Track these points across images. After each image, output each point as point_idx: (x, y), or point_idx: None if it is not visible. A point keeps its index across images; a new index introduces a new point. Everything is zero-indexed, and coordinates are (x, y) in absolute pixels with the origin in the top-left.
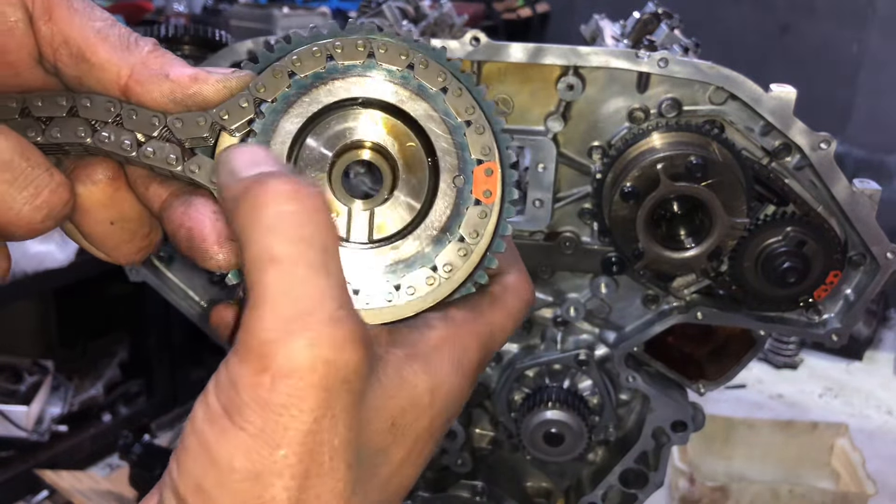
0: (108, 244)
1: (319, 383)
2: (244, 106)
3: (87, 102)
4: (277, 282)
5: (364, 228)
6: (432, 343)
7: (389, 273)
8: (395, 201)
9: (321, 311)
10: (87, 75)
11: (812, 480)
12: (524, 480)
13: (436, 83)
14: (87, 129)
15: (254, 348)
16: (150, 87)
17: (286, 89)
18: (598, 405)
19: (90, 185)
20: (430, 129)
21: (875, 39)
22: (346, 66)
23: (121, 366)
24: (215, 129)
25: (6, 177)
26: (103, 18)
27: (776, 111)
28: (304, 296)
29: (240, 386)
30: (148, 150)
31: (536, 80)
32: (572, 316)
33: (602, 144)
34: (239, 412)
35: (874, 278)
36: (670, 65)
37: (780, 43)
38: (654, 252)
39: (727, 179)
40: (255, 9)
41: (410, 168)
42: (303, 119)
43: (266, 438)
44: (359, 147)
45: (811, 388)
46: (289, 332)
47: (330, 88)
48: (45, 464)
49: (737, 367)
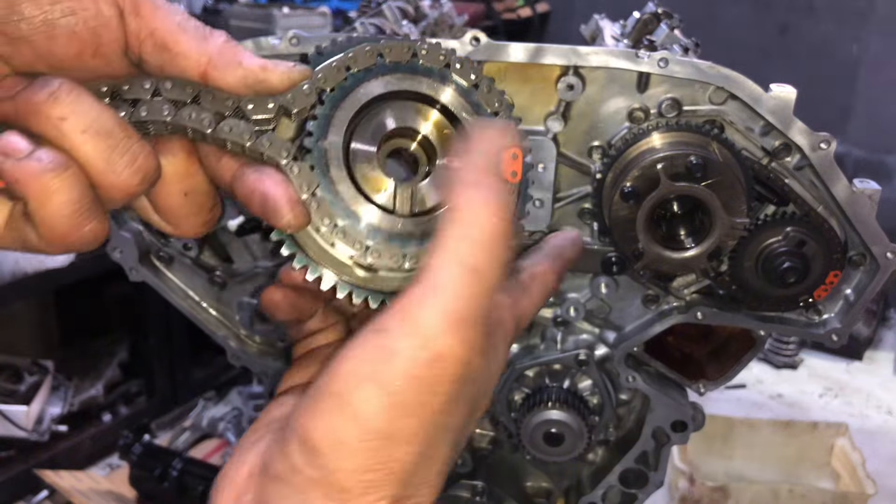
0: (179, 215)
1: (461, 376)
2: (308, 93)
3: (168, 85)
4: (465, 286)
5: (407, 202)
6: (495, 320)
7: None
8: (434, 180)
9: (483, 323)
10: (170, 64)
11: (812, 480)
12: (524, 480)
13: (469, 80)
14: (170, 108)
15: (421, 328)
16: (226, 73)
17: (343, 81)
18: (598, 405)
19: (171, 157)
20: (464, 118)
21: (875, 39)
22: (394, 64)
23: (121, 366)
24: (280, 112)
25: (109, 143)
26: (182, 13)
27: (776, 111)
28: (477, 305)
29: (396, 356)
30: (225, 126)
31: (536, 79)
32: (572, 316)
33: (602, 144)
34: (390, 379)
35: (874, 278)
36: (670, 65)
37: (780, 43)
38: (654, 252)
39: (727, 179)
40: (255, 9)
41: (447, 152)
42: (357, 107)
43: (406, 407)
44: (404, 135)
45: (811, 388)
46: (455, 327)
47: (380, 82)
48: (45, 464)
49: (737, 367)
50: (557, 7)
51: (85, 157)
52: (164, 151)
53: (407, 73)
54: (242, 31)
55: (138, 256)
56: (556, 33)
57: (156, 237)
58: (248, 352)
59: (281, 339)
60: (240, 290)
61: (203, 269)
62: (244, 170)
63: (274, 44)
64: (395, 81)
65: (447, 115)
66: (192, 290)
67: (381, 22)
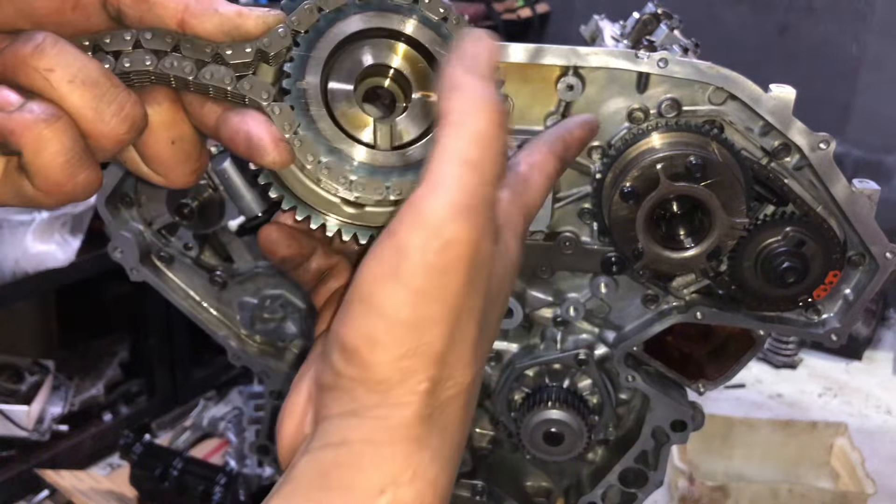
0: (168, 164)
1: (473, 258)
2: (283, 36)
3: (148, 35)
4: (466, 179)
5: (387, 137)
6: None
7: (412, 171)
8: (412, 112)
9: (486, 210)
10: (148, 14)
11: (811, 480)
12: (524, 480)
13: (438, 14)
14: (152, 58)
15: (429, 220)
16: (203, 20)
17: (316, 22)
18: (598, 405)
19: (155, 106)
20: (436, 51)
21: (875, 39)
22: (364, 3)
23: (121, 365)
24: (257, 56)
25: (96, 92)
26: None
27: (775, 111)
28: (478, 194)
29: (410, 250)
30: (206, 73)
31: (536, 80)
32: (572, 316)
33: (602, 144)
34: (408, 272)
35: (873, 278)
36: (670, 65)
37: (780, 43)
38: (653, 252)
39: (727, 179)
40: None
41: (421, 85)
42: (331, 47)
43: (426, 295)
44: (379, 72)
45: (810, 387)
46: (460, 214)
47: (351, 21)
48: (45, 463)
49: (736, 367)
50: (557, 7)
51: (74, 107)
52: (149, 101)
53: (377, 11)
54: None
55: (139, 256)
56: (556, 34)
57: (157, 237)
58: (249, 352)
59: (281, 339)
60: (240, 290)
61: (203, 269)
62: (227, 114)
63: None
64: (366, 19)
65: (419, 49)
66: (193, 290)
67: None
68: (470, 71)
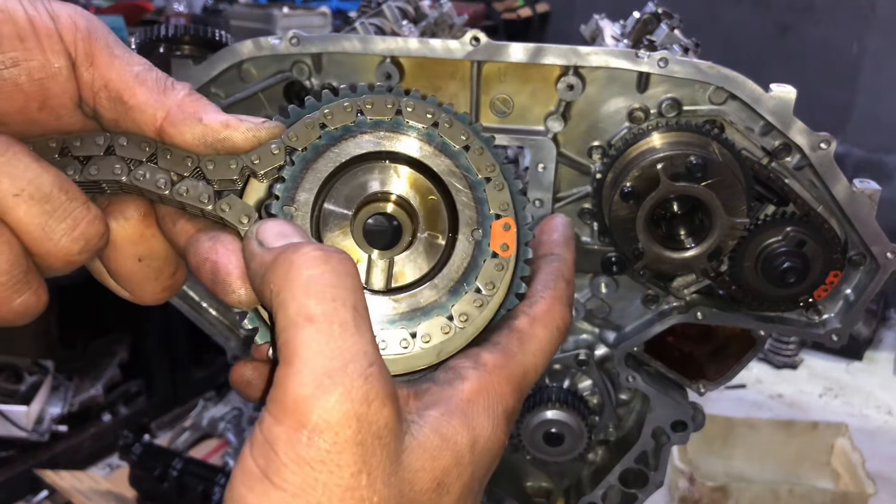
0: (134, 281)
1: (354, 438)
2: (275, 153)
3: (123, 142)
4: (312, 340)
5: (383, 276)
6: (466, 396)
7: (406, 320)
8: (415, 251)
9: (354, 367)
10: (125, 117)
11: (812, 480)
12: (524, 480)
13: (459, 141)
14: (123, 167)
15: (289, 406)
16: (184, 129)
17: (317, 140)
18: (598, 405)
19: (122, 220)
20: (452, 184)
21: (875, 39)
22: (375, 122)
23: (121, 366)
24: (245, 173)
25: (46, 208)
26: (141, 63)
27: (776, 111)
28: (337, 353)
29: (277, 445)
30: (182, 188)
31: (536, 79)
32: (572, 316)
33: (602, 144)
34: (278, 472)
35: (874, 278)
36: (670, 65)
37: (780, 43)
38: (654, 252)
39: (727, 179)
40: (255, 9)
41: (430, 220)
42: (331, 168)
43: (307, 497)
44: (383, 199)
45: (811, 388)
46: (323, 388)
47: (358, 141)
48: (45, 464)
49: (737, 367)
50: (557, 7)
51: (17, 223)
52: (116, 213)
53: (389, 132)
54: (242, 31)
55: None
56: (556, 33)
57: None
58: (249, 352)
59: None
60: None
61: None
62: (199, 236)
63: (274, 44)
64: (375, 141)
65: (432, 178)
66: (192, 291)
67: (380, 22)
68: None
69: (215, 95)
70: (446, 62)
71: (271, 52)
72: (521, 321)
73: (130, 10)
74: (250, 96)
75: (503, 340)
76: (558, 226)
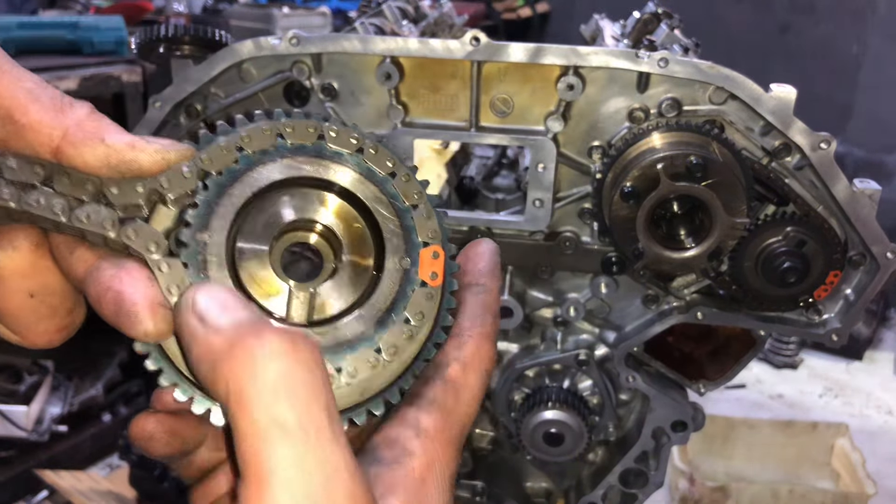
0: (24, 320)
1: None
2: (187, 176)
3: (12, 163)
4: (287, 454)
5: (303, 308)
6: (418, 475)
7: (330, 354)
8: (339, 281)
9: (335, 485)
10: (15, 137)
11: (812, 480)
12: (524, 480)
13: (385, 168)
14: (12, 192)
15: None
16: (84, 150)
17: (233, 164)
18: (598, 405)
19: (10, 251)
20: (378, 211)
21: (875, 39)
22: (296, 146)
23: (121, 366)
24: (152, 198)
25: None
26: (35, 80)
27: (776, 111)
28: (316, 468)
29: None
30: (81, 214)
31: (536, 79)
32: (572, 316)
33: (602, 144)
34: None
35: (874, 278)
36: (670, 65)
37: (780, 43)
38: (654, 252)
39: (727, 179)
40: (255, 9)
41: (355, 249)
42: (248, 194)
43: None
44: (304, 227)
45: (811, 388)
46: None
47: (278, 166)
48: (45, 464)
49: (737, 367)
50: (557, 7)
51: None
52: (4, 243)
53: (311, 157)
54: (242, 31)
55: None
56: (556, 33)
57: None
58: None
59: None
60: None
61: None
62: (100, 263)
63: (274, 44)
64: (295, 167)
65: (357, 206)
66: None
67: (380, 22)
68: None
69: (215, 95)
70: (446, 62)
71: (271, 52)
72: (453, 369)
73: (130, 10)
74: (250, 96)
75: (439, 396)
76: (485, 253)
